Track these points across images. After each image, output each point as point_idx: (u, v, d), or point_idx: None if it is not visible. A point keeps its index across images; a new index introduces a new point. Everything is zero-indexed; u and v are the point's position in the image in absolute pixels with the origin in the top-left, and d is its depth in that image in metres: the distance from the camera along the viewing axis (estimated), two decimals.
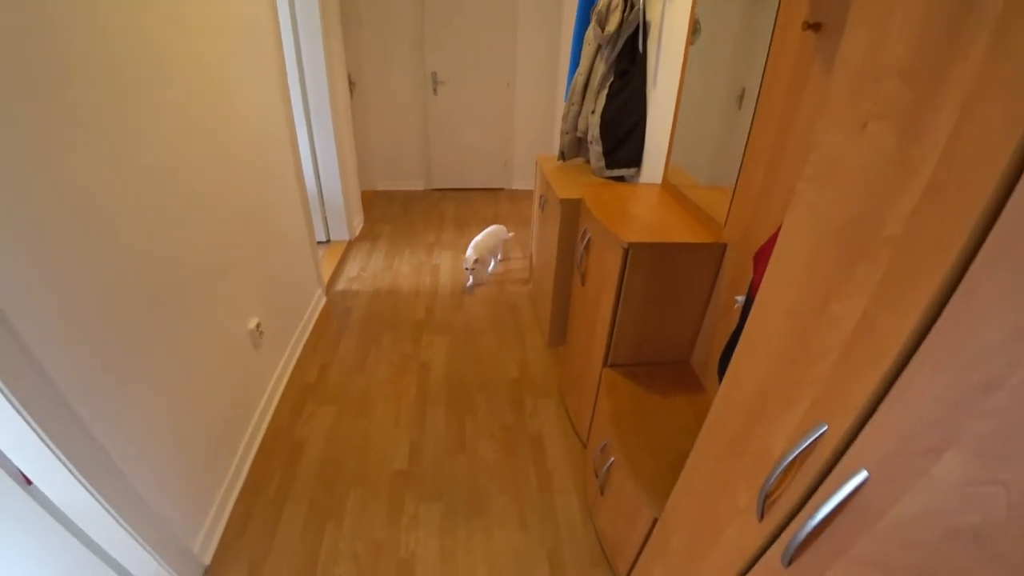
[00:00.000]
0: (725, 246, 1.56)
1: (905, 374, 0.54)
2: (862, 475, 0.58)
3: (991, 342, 0.45)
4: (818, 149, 0.72)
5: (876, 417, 0.57)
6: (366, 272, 3.35)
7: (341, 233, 3.73)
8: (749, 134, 1.47)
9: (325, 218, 3.64)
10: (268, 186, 2.19)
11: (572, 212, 2.16)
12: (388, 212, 4.39)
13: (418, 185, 4.95)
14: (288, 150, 2.43)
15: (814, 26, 1.24)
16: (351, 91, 3.98)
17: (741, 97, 1.55)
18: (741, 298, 1.40)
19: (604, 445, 1.59)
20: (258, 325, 2.02)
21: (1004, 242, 0.45)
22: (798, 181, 0.75)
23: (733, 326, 1.45)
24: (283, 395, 2.27)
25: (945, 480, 0.48)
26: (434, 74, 4.51)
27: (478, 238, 3.23)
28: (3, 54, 0.92)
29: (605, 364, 1.72)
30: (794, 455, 0.67)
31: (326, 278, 3.15)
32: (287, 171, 2.43)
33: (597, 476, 1.63)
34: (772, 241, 1.25)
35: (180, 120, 1.50)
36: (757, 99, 1.44)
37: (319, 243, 3.59)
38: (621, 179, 2.37)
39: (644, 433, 1.48)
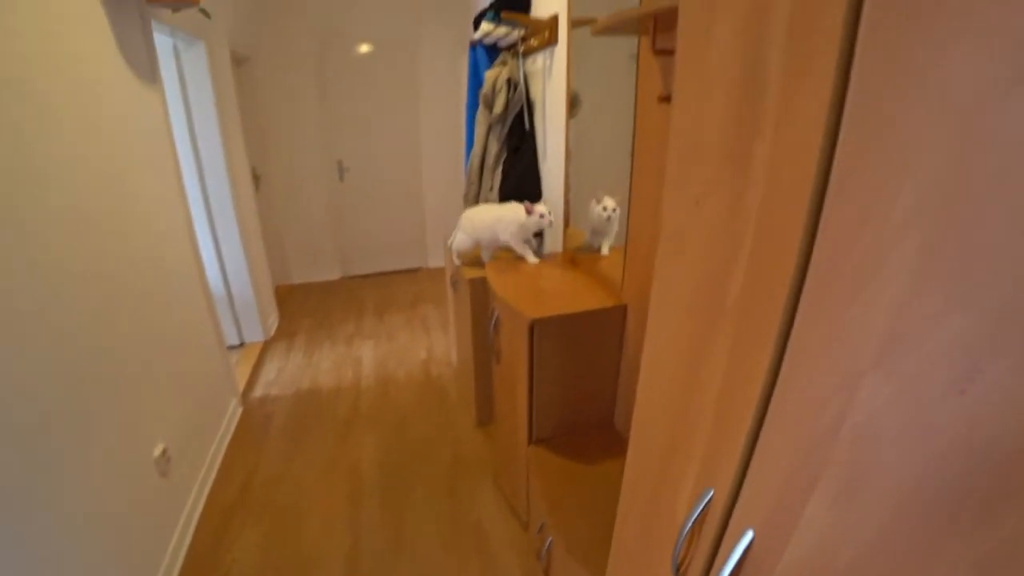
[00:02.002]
0: (625, 307, 1.61)
1: (764, 429, 0.56)
2: (749, 535, 0.58)
3: (824, 392, 0.47)
4: (665, 224, 0.76)
5: (750, 474, 0.59)
6: (285, 373, 3.20)
7: (255, 334, 3.57)
8: (630, 195, 1.56)
9: (236, 320, 3.48)
10: (170, 293, 2.08)
11: (481, 291, 2.18)
12: (305, 305, 4.27)
13: (334, 274, 4.87)
14: (190, 253, 2.33)
15: (667, 99, 1.35)
16: (256, 185, 3.94)
17: (632, 153, 1.65)
18: None
19: (541, 526, 1.54)
20: (164, 451, 1.85)
21: (815, 300, 0.49)
22: (655, 259, 0.79)
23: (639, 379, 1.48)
24: (201, 521, 2.07)
25: (819, 521, 0.49)
26: (339, 162, 4.56)
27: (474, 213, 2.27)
28: None
29: (530, 441, 1.69)
30: (691, 522, 0.67)
31: (241, 385, 2.97)
32: (190, 276, 2.32)
33: (539, 558, 1.57)
34: None
35: (67, 227, 1.41)
36: (632, 164, 1.54)
37: (231, 348, 3.41)
38: None
39: (579, 506, 1.45)
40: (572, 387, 1.65)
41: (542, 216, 2.02)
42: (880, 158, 0.42)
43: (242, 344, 3.55)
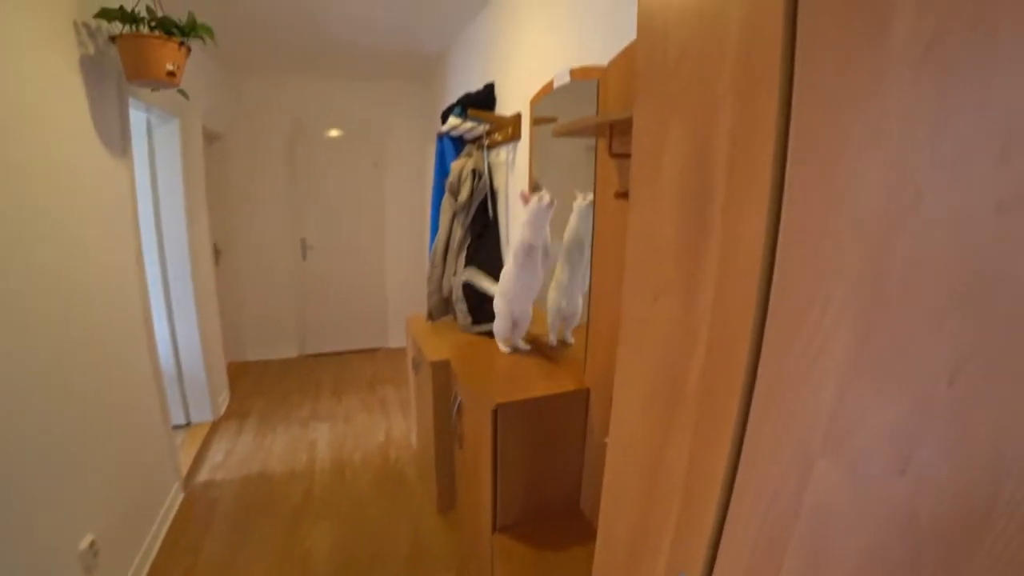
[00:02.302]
0: (588, 390, 1.65)
1: (730, 511, 0.60)
2: None
3: (782, 476, 0.52)
4: (626, 317, 0.83)
5: (720, 557, 0.62)
6: (233, 456, 3.04)
7: (203, 414, 3.41)
8: (591, 282, 1.64)
9: (184, 398, 3.33)
10: (116, 369, 1.99)
11: (444, 374, 2.18)
12: (259, 384, 4.13)
13: (291, 352, 4.76)
14: (141, 328, 2.26)
15: (623, 195, 1.47)
16: (217, 259, 3.90)
17: (592, 244, 1.74)
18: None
19: None
20: (92, 543, 1.71)
21: (767, 392, 0.55)
22: (617, 348, 0.85)
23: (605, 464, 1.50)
24: None
25: None
26: (303, 240, 4.59)
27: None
28: None
29: (495, 529, 1.66)
30: None
31: (185, 469, 2.81)
32: (140, 351, 2.23)
33: None
34: None
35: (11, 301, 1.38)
36: (591, 253, 1.63)
37: (176, 428, 3.23)
38: (489, 333, 2.48)
39: None
40: (537, 471, 1.65)
41: (543, 201, 1.77)
42: (810, 270, 0.50)
43: (188, 424, 3.38)
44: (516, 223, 2.31)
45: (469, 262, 2.41)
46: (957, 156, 0.39)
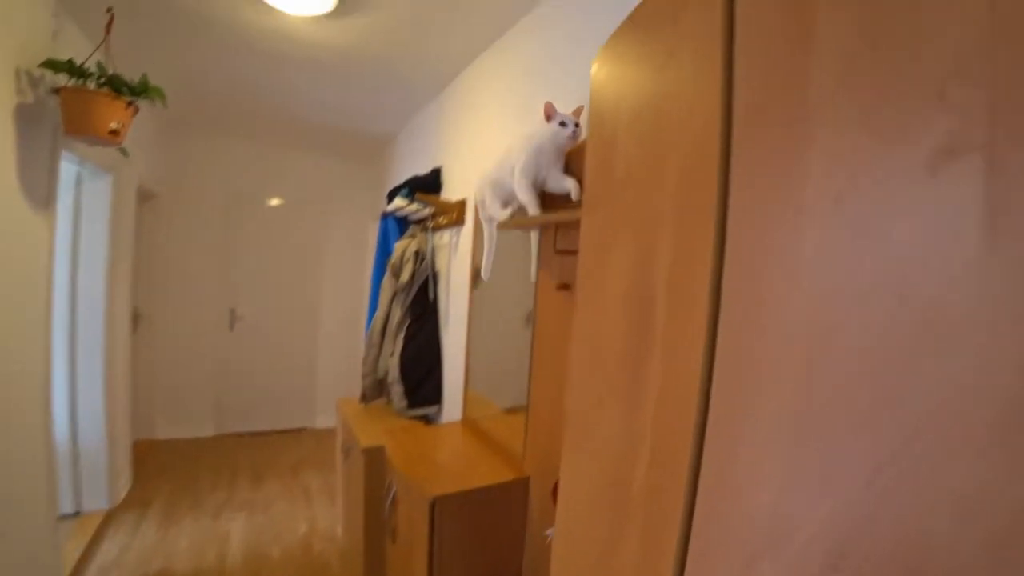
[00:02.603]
0: (528, 480, 1.62)
1: None
2: None
3: (725, 571, 0.52)
4: (571, 419, 0.83)
5: None
6: (130, 552, 2.71)
7: (98, 501, 3.04)
8: (530, 369, 1.64)
9: (77, 482, 2.96)
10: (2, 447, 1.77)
11: (377, 461, 2.08)
12: (168, 466, 3.77)
13: (207, 430, 4.41)
14: (39, 400, 2.03)
15: (564, 287, 1.51)
16: (135, 325, 3.63)
17: (527, 318, 1.75)
18: (550, 532, 1.42)
19: None
20: None
21: (710, 494, 0.55)
22: (562, 446, 0.85)
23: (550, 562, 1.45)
24: None
25: None
26: (232, 310, 4.38)
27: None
28: None
29: None
30: None
31: (68, 569, 2.47)
32: (33, 427, 1.98)
33: None
34: None
35: None
36: (532, 341, 1.65)
37: (63, 517, 2.86)
38: (425, 417, 2.41)
39: None
40: (475, 565, 1.57)
41: (564, 125, 1.38)
42: (745, 383, 0.53)
43: (78, 513, 3.00)
44: (455, 310, 2.32)
45: (407, 343, 2.37)
46: (864, 294, 0.45)
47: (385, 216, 2.94)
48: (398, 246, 2.59)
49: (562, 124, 1.38)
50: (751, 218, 0.55)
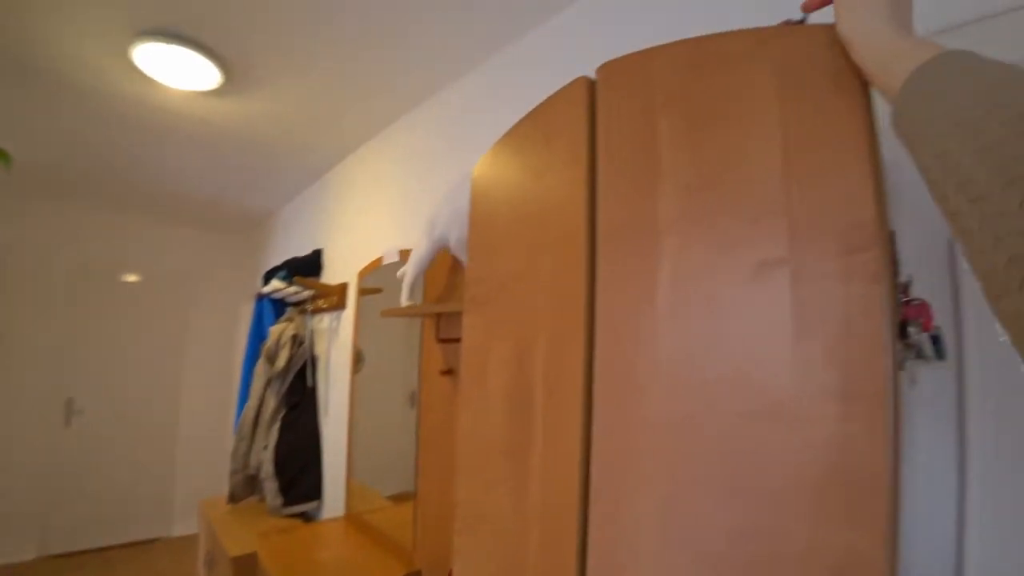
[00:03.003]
0: (420, 573, 1.55)
1: None
2: None
3: None
4: (461, 506, 0.84)
5: None
6: None
7: None
8: (417, 457, 1.62)
9: None
10: None
11: (248, 571, 1.88)
12: None
13: (26, 553, 3.61)
14: None
15: (448, 372, 1.53)
16: None
17: (412, 398, 1.72)
18: None
19: None
20: None
21: (597, 570, 0.59)
22: (454, 532, 0.85)
23: None
24: None
25: None
26: (69, 401, 3.71)
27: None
28: None
29: None
30: None
31: None
32: None
33: None
34: None
35: None
36: (417, 427, 1.64)
37: None
38: (303, 515, 2.24)
39: None
40: None
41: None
42: (620, 466, 0.60)
43: None
44: (336, 396, 2.23)
45: (283, 433, 2.22)
46: (710, 382, 0.55)
47: (260, 298, 2.80)
48: (274, 330, 2.47)
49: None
50: (616, 317, 0.63)
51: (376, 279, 2.11)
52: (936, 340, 0.65)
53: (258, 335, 2.71)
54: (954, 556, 0.77)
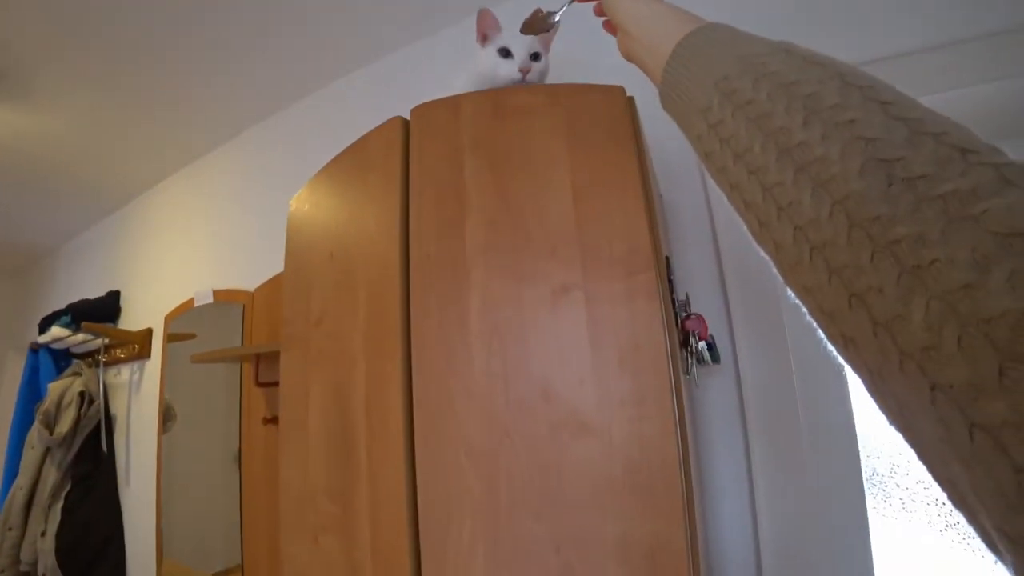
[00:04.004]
0: None
1: None
2: None
3: None
4: (288, 561, 0.77)
5: None
6: None
7: None
8: (241, 516, 1.46)
9: None
10: None
11: None
12: None
13: None
14: None
15: (272, 420, 1.41)
16: None
17: (237, 455, 1.54)
18: None
19: None
20: None
21: None
22: None
23: None
24: None
25: None
26: None
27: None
28: None
29: None
30: None
31: None
32: None
33: None
34: None
35: None
36: (240, 481, 1.48)
37: None
38: None
39: None
40: None
41: (508, 55, 0.82)
42: (445, 495, 0.61)
43: None
44: (140, 461, 1.92)
45: (67, 517, 1.85)
46: (522, 399, 0.59)
47: (35, 349, 2.34)
48: (54, 387, 2.06)
49: (504, 53, 0.83)
50: (431, 347, 0.64)
51: (188, 323, 1.88)
52: (711, 347, 0.75)
53: (31, 395, 2.25)
54: (751, 530, 0.88)
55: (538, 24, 0.61)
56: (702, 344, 0.73)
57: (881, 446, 0.88)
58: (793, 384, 0.87)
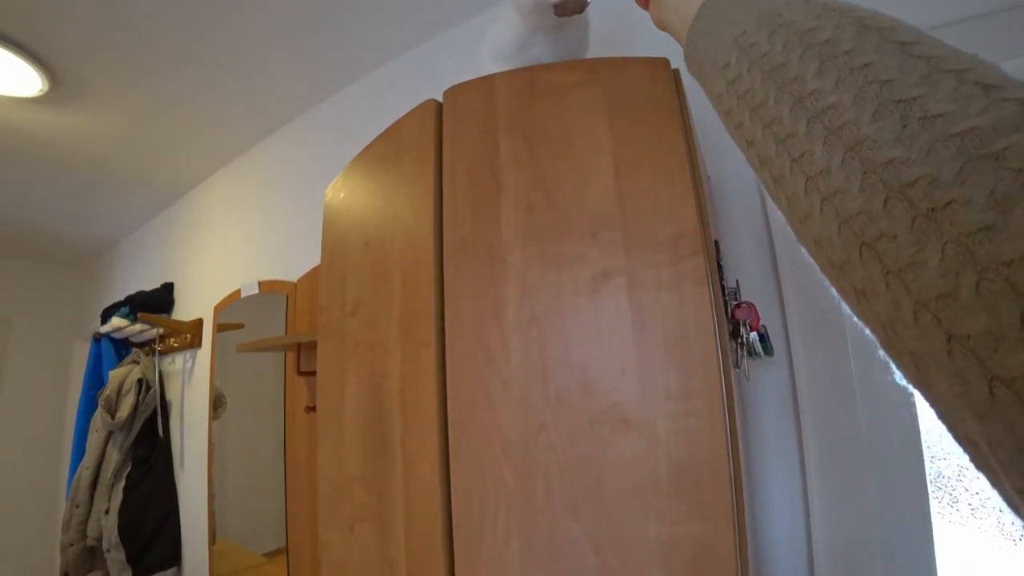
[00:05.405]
0: None
1: None
2: None
3: None
4: (324, 549, 0.78)
5: None
6: None
7: None
8: (286, 499, 1.49)
9: None
10: None
11: None
12: None
13: None
14: None
15: (313, 408, 1.42)
16: None
17: (284, 459, 1.58)
18: None
19: None
20: None
21: None
22: None
23: None
24: None
25: None
26: None
27: None
28: None
29: None
30: None
31: None
32: None
33: None
34: None
35: None
36: (284, 467, 1.51)
37: None
38: None
39: None
40: None
41: None
42: (479, 489, 0.58)
43: None
44: (193, 445, 2.00)
45: (129, 493, 1.94)
46: (559, 393, 0.56)
47: (98, 338, 2.46)
48: (115, 375, 2.16)
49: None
50: (466, 335, 0.62)
51: (235, 313, 1.93)
52: (763, 338, 0.69)
53: (95, 382, 2.37)
54: (804, 535, 0.82)
55: (572, 4, 0.61)
56: (753, 335, 0.68)
57: (947, 446, 0.81)
58: (852, 378, 0.81)
